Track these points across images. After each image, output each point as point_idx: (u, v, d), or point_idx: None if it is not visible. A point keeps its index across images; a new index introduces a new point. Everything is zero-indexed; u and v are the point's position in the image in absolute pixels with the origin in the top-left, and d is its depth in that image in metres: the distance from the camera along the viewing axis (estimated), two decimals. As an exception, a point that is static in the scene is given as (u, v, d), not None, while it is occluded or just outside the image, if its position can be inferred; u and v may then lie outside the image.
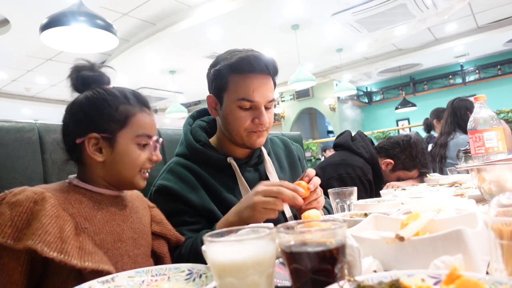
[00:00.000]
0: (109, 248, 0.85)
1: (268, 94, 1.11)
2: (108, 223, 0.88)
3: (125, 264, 0.86)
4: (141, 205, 1.03)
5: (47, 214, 0.74)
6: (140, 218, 0.98)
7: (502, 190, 0.95)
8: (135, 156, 0.90)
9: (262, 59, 1.09)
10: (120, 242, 0.88)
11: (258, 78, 1.09)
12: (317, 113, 11.86)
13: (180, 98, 9.73)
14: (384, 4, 5.25)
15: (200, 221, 1.10)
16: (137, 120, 0.91)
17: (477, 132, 1.15)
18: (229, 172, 1.17)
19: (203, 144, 1.18)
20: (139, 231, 0.95)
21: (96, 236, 0.83)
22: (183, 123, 1.31)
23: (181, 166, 1.16)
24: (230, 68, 1.09)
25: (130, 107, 0.92)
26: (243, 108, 1.10)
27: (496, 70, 9.59)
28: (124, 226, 0.91)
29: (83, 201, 0.86)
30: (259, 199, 0.92)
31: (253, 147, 1.16)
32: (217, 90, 1.14)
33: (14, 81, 7.93)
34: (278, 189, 0.92)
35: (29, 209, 0.74)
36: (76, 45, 3.25)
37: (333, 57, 8.05)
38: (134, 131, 0.90)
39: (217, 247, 0.49)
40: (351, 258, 0.55)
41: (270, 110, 1.14)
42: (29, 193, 0.76)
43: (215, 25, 5.73)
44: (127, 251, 0.88)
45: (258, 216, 0.92)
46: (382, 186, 2.11)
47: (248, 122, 1.10)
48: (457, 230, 0.54)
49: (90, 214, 0.85)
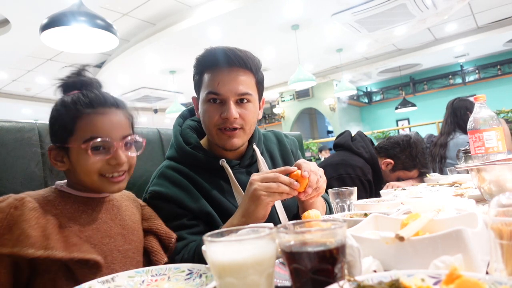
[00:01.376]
0: (97, 243, 0.85)
1: (237, 87, 1.05)
2: (94, 222, 0.88)
3: (115, 259, 0.87)
4: (132, 204, 1.04)
5: (26, 218, 0.75)
6: (129, 216, 0.98)
7: (502, 190, 0.95)
8: (87, 163, 0.84)
9: (229, 52, 1.06)
10: (108, 237, 0.88)
11: (225, 71, 1.06)
12: (317, 113, 11.86)
13: (180, 98, 9.73)
14: (384, 4, 5.25)
15: (199, 224, 1.08)
16: (83, 124, 0.85)
17: (477, 132, 1.15)
18: (222, 174, 1.14)
19: (193, 146, 1.15)
20: (129, 228, 0.95)
21: (82, 233, 0.84)
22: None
23: (173, 170, 1.12)
24: (201, 63, 1.10)
25: (76, 112, 0.86)
26: (212, 102, 1.07)
27: (496, 70, 9.60)
28: (112, 223, 0.92)
29: (67, 203, 0.87)
30: (259, 186, 0.90)
31: (225, 148, 1.10)
32: (195, 89, 1.15)
33: (14, 81, 7.93)
34: (274, 174, 0.91)
35: (9, 215, 0.75)
36: (76, 45, 3.25)
37: (333, 57, 8.06)
38: (81, 137, 0.85)
39: (217, 247, 0.49)
40: (351, 258, 0.55)
41: (245, 106, 1.08)
42: (11, 199, 0.78)
43: (215, 25, 5.74)
44: (116, 246, 0.89)
45: (264, 205, 0.90)
46: (382, 186, 2.11)
47: (216, 118, 1.06)
48: (457, 230, 0.54)
49: (74, 214, 0.86)
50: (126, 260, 0.90)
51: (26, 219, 0.75)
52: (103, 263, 0.79)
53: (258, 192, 0.90)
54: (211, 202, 1.10)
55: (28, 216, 0.76)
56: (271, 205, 0.93)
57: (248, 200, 0.93)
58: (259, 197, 0.90)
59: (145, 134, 1.53)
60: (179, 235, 1.04)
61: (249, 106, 1.09)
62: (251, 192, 0.92)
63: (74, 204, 0.88)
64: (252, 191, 0.91)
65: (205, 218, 1.08)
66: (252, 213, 0.92)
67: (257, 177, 0.93)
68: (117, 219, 0.94)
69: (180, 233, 1.04)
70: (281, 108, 10.90)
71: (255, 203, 0.91)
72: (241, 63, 1.07)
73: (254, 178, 0.93)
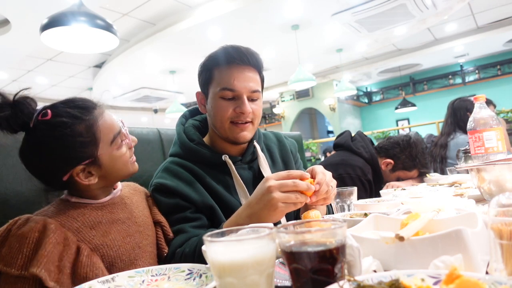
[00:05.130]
0: (120, 244, 0.89)
1: (250, 84, 1.11)
2: (114, 224, 0.91)
3: (137, 255, 0.91)
4: (140, 197, 1.07)
5: (50, 241, 0.77)
6: (142, 211, 1.02)
7: (501, 190, 0.95)
8: (121, 157, 0.94)
9: (242, 50, 1.11)
10: (129, 237, 0.92)
11: (239, 68, 1.11)
12: (317, 113, 11.86)
13: (180, 98, 9.73)
14: (384, 4, 5.25)
15: (201, 217, 1.09)
16: (102, 129, 0.90)
17: (476, 132, 1.15)
18: (224, 170, 1.17)
19: (197, 143, 1.18)
20: (143, 224, 0.99)
21: (106, 237, 0.87)
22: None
23: (177, 165, 1.15)
24: (213, 60, 1.13)
25: (88, 122, 0.87)
26: (226, 99, 1.11)
27: (496, 70, 9.59)
28: (129, 222, 0.95)
29: (85, 213, 0.89)
30: (279, 196, 0.86)
31: (237, 141, 1.14)
32: (203, 85, 1.17)
33: (14, 81, 7.93)
34: (294, 182, 0.88)
35: (35, 239, 0.77)
36: (76, 45, 3.25)
37: (333, 57, 8.06)
38: (106, 141, 0.90)
39: (217, 247, 0.49)
40: (351, 258, 0.55)
41: (255, 102, 1.14)
42: (32, 224, 0.79)
43: (215, 25, 5.73)
44: (136, 243, 0.93)
45: (279, 214, 0.88)
46: (382, 186, 2.11)
47: (230, 112, 1.10)
48: (457, 230, 0.54)
49: (94, 222, 0.88)
50: (146, 254, 0.94)
51: (49, 242, 0.77)
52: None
53: (276, 203, 0.86)
54: (214, 196, 1.12)
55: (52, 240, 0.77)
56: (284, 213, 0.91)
57: (262, 206, 0.89)
58: (276, 207, 0.87)
59: (145, 134, 1.53)
60: (182, 228, 1.05)
61: (258, 102, 1.15)
62: (268, 200, 0.87)
63: (92, 212, 0.90)
64: (270, 199, 0.87)
65: (207, 212, 1.10)
66: (264, 219, 0.89)
67: (275, 184, 0.88)
68: (132, 217, 0.98)
69: (183, 226, 1.06)
70: (281, 108, 10.90)
71: (269, 212, 0.88)
72: (253, 61, 1.12)
73: (272, 184, 0.88)
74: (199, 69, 1.17)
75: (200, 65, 1.17)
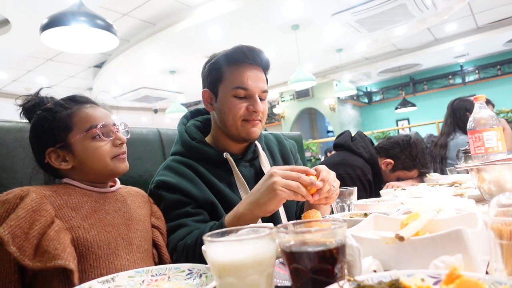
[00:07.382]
0: (99, 231, 0.88)
1: (261, 84, 1.15)
2: (97, 212, 0.91)
3: (119, 245, 0.90)
4: (140, 199, 1.07)
5: (25, 207, 0.78)
6: (135, 209, 1.01)
7: (501, 190, 0.95)
8: (96, 149, 0.94)
9: (255, 51, 1.14)
10: (111, 226, 0.91)
11: (252, 68, 1.14)
12: (317, 113, 11.86)
13: (180, 98, 9.73)
14: (384, 4, 5.25)
15: (202, 213, 1.10)
16: (79, 118, 0.94)
17: (476, 132, 1.15)
18: (225, 167, 1.19)
19: (198, 141, 1.20)
20: (133, 219, 0.98)
21: (84, 221, 0.87)
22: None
23: (178, 163, 1.16)
24: (225, 59, 1.14)
25: (68, 111, 0.95)
26: (238, 97, 1.13)
27: (496, 70, 9.59)
28: (115, 214, 0.95)
29: (72, 194, 0.90)
30: (280, 180, 0.89)
31: (248, 137, 1.16)
32: (212, 83, 1.17)
33: (14, 81, 7.93)
34: (297, 174, 0.90)
35: (15, 204, 0.80)
36: (76, 45, 3.25)
37: (333, 57, 8.06)
38: (81, 128, 0.93)
39: (217, 247, 0.49)
40: (351, 258, 0.55)
41: (264, 101, 1.17)
42: (18, 191, 0.82)
43: (215, 25, 5.73)
44: (120, 234, 0.92)
45: (278, 200, 0.89)
46: (382, 186, 2.11)
47: (242, 110, 1.13)
48: (457, 230, 0.54)
49: (78, 204, 0.89)
50: (131, 247, 0.93)
51: (23, 207, 0.78)
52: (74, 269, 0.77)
53: (276, 186, 0.88)
54: (215, 192, 1.13)
55: (27, 206, 0.79)
56: (283, 201, 0.91)
57: (263, 190, 0.91)
58: (276, 191, 0.89)
59: (145, 134, 1.53)
60: (183, 222, 1.06)
61: (265, 102, 1.18)
62: (269, 184, 0.90)
63: (78, 196, 0.91)
64: (271, 183, 0.89)
65: (209, 207, 1.11)
66: (263, 205, 0.91)
67: (279, 172, 0.91)
68: (121, 211, 0.97)
69: (184, 220, 1.06)
70: (281, 108, 10.89)
71: (269, 196, 0.90)
72: (264, 62, 1.16)
73: (275, 171, 0.91)
74: (207, 68, 1.18)
75: (207, 63, 1.18)
